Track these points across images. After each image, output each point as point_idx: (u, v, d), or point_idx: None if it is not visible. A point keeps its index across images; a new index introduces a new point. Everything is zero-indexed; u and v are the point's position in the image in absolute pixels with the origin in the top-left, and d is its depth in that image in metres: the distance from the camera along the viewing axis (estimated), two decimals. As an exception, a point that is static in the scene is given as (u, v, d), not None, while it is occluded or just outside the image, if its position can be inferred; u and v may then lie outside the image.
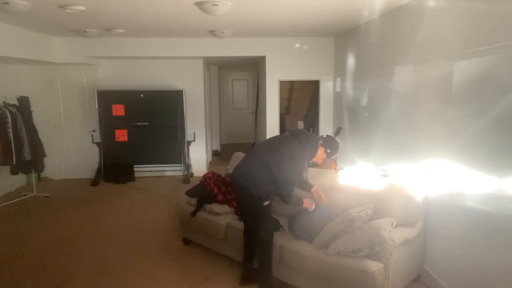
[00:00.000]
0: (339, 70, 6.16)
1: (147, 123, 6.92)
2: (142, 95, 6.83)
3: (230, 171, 4.26)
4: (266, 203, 3.04)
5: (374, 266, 2.69)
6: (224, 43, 6.25)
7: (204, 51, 6.42)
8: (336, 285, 2.85)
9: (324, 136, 3.36)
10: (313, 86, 7.38)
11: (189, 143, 7.11)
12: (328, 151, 3.23)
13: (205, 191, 3.95)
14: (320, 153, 3.21)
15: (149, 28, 5.33)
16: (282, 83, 6.92)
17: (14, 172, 5.70)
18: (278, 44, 6.39)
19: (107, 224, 4.80)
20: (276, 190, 3.08)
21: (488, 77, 2.54)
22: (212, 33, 5.57)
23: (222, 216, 3.71)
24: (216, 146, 9.74)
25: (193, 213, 3.87)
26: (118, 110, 6.82)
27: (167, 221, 4.81)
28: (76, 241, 4.29)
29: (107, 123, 6.82)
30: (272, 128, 6.68)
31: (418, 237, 3.11)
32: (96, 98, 6.70)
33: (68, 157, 7.05)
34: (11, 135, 5.33)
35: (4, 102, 5.52)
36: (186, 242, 4.12)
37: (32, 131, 5.81)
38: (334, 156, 3.37)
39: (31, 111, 5.90)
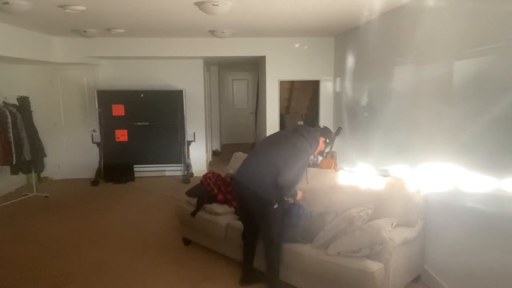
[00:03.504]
0: (339, 70, 6.16)
1: (147, 123, 6.92)
2: (142, 95, 6.83)
3: (230, 171, 4.28)
4: (276, 206, 2.97)
5: (374, 266, 2.69)
6: (224, 43, 6.25)
7: (204, 51, 6.42)
8: (336, 285, 2.85)
9: (321, 127, 3.60)
10: (313, 86, 7.38)
11: (189, 143, 7.11)
12: (327, 140, 3.44)
13: (205, 191, 3.95)
14: (321, 143, 3.34)
15: (149, 28, 5.33)
16: (282, 83, 6.92)
17: (14, 172, 5.70)
18: (278, 44, 6.39)
19: (107, 224, 4.80)
20: (280, 185, 2.94)
21: (487, 77, 2.54)
22: (212, 33, 5.57)
23: (222, 216, 3.71)
24: (216, 146, 9.74)
25: (193, 213, 3.87)
26: (118, 110, 6.82)
27: (167, 221, 4.81)
28: (76, 241, 4.29)
29: (107, 123, 6.82)
30: (272, 128, 6.66)
31: (418, 237, 3.11)
32: (96, 98, 6.69)
33: (68, 157, 7.05)
34: (11, 135, 5.33)
35: (4, 102, 5.52)
36: (186, 242, 4.12)
37: (32, 131, 5.81)
38: (331, 145, 3.58)
39: (31, 111, 5.90)
